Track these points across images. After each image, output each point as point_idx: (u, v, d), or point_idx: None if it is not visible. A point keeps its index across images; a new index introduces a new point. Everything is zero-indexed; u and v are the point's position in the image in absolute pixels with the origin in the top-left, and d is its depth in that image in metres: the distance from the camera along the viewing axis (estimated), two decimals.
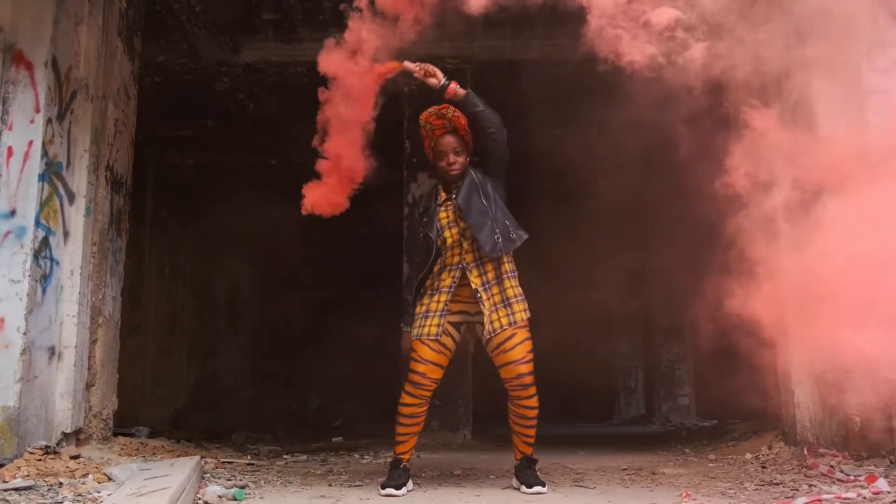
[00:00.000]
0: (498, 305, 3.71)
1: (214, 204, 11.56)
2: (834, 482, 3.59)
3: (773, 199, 4.94)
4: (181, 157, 9.91)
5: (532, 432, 3.82)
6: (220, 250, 12.45)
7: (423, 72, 3.75)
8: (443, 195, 3.91)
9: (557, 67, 7.60)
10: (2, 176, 4.13)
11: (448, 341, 3.75)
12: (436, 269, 3.85)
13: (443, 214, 3.84)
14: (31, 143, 4.20)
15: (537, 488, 3.65)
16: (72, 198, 4.55)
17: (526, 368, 3.69)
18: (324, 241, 12.56)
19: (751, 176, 5.19)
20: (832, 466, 3.89)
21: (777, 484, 3.71)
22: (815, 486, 3.54)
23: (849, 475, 3.64)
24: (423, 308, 3.80)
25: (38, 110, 4.24)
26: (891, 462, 3.83)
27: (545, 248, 11.27)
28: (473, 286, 3.73)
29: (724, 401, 9.07)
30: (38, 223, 4.19)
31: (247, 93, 7.89)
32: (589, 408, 14.49)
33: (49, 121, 4.29)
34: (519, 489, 3.73)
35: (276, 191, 11.24)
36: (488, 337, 3.69)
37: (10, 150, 4.16)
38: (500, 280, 3.75)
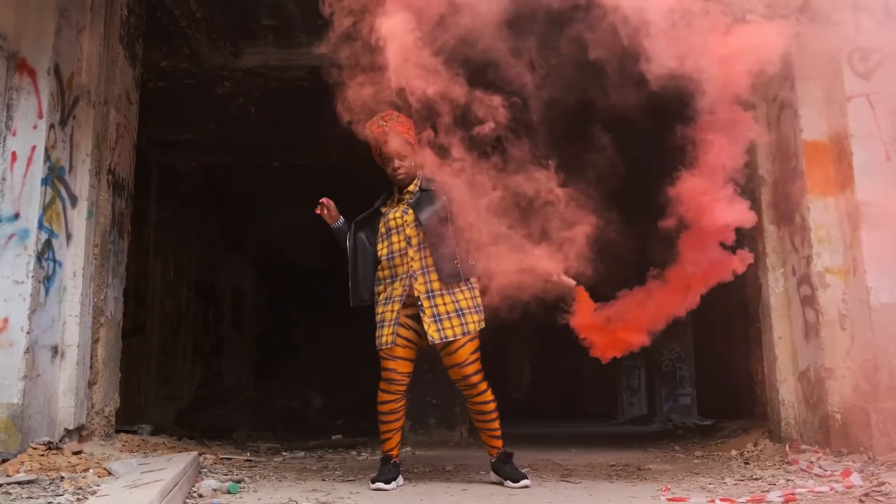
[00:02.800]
0: (445, 315, 3.78)
1: (218, 206, 11.69)
2: (811, 477, 3.70)
3: (759, 202, 5.04)
4: (184, 160, 10.01)
5: (495, 426, 3.92)
6: (224, 251, 12.57)
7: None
8: (395, 196, 4.02)
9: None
10: (6, 180, 4.25)
11: (411, 335, 3.85)
12: (385, 275, 3.93)
13: (391, 216, 3.93)
14: (34, 148, 4.32)
15: (524, 482, 3.77)
16: (74, 201, 4.68)
17: (471, 369, 3.82)
18: (325, 241, 12.68)
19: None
20: (812, 462, 3.99)
21: (756, 479, 3.81)
22: (791, 480, 3.64)
23: (826, 470, 3.74)
24: (379, 317, 3.90)
25: (40, 116, 4.35)
26: (868, 458, 3.92)
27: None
28: (416, 293, 3.81)
29: (720, 400, 9.17)
30: (41, 226, 4.30)
31: (248, 97, 7.98)
32: (592, 407, 14.58)
33: (52, 126, 4.41)
34: (503, 484, 3.83)
35: (278, 192, 11.38)
36: (430, 343, 3.80)
37: (13, 154, 4.29)
38: (450, 290, 3.82)
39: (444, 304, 3.81)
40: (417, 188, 3.96)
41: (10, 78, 4.34)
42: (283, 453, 5.82)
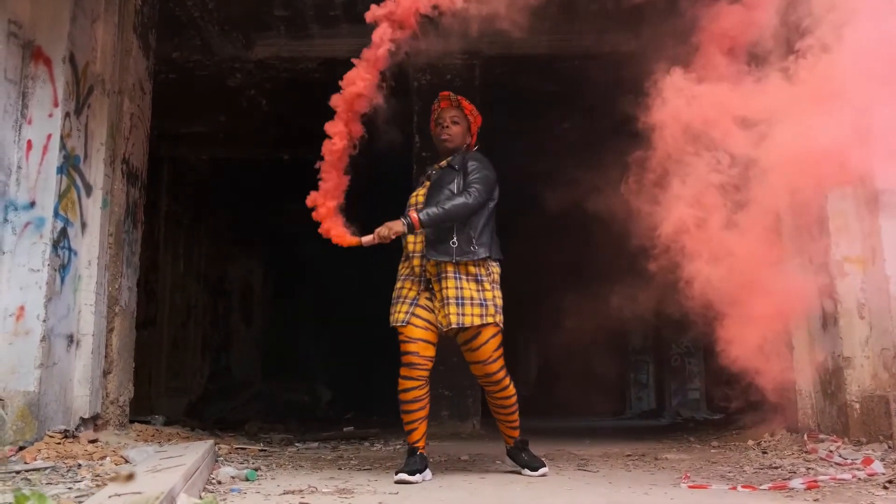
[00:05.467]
0: (455, 301, 3.61)
1: (227, 199, 11.70)
2: (831, 465, 3.68)
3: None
4: (195, 152, 10.04)
5: (515, 417, 3.85)
6: (233, 244, 12.59)
7: (377, 238, 3.66)
8: (433, 170, 3.96)
9: (566, 62, 7.68)
10: (22, 168, 4.25)
11: (431, 316, 3.68)
12: (406, 251, 3.83)
13: (418, 191, 3.89)
14: (49, 136, 4.32)
15: (542, 470, 3.75)
16: (89, 190, 4.67)
17: (495, 367, 3.68)
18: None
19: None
20: (831, 451, 3.97)
21: (776, 468, 3.79)
22: (812, 468, 3.63)
23: (846, 459, 3.72)
24: (396, 293, 3.78)
25: (56, 105, 4.35)
26: (889, 447, 3.90)
27: (554, 242, 11.37)
28: (428, 275, 3.71)
29: (732, 394, 9.13)
30: (56, 214, 4.30)
31: (259, 88, 8.00)
32: (600, 403, 14.55)
33: (67, 115, 4.41)
34: (520, 472, 3.81)
35: (287, 186, 11.39)
36: (444, 330, 3.65)
37: (29, 143, 4.28)
38: (459, 277, 3.64)
39: (460, 287, 3.63)
40: (447, 164, 3.86)
41: (25, 66, 4.33)
42: (297, 444, 5.81)
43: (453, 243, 3.66)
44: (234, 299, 12.94)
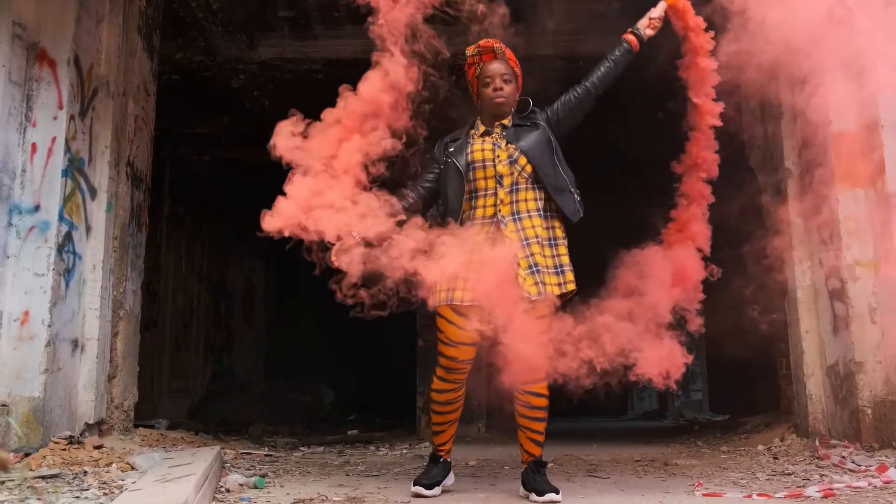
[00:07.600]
0: (545, 269, 3.22)
1: (230, 200, 11.64)
2: (845, 472, 3.64)
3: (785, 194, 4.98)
4: (197, 153, 9.97)
5: (541, 427, 3.35)
6: (236, 245, 12.53)
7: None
8: (481, 127, 3.46)
9: (571, 63, 7.63)
10: (26, 171, 4.20)
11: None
12: (461, 217, 3.36)
13: (477, 147, 3.38)
14: (54, 139, 4.27)
15: (549, 495, 3.14)
16: (94, 193, 4.63)
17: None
18: None
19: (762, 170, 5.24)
20: (843, 457, 3.94)
21: (789, 474, 3.76)
22: (826, 475, 3.59)
23: (860, 465, 3.69)
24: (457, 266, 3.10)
25: (60, 107, 4.30)
26: None
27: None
28: (508, 242, 3.21)
29: (737, 396, 9.10)
30: (61, 218, 4.25)
31: (262, 90, 7.94)
32: (602, 403, 14.50)
33: (72, 117, 4.36)
34: (528, 497, 3.25)
35: None
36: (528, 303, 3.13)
37: (34, 146, 4.23)
38: (551, 243, 3.30)
39: (543, 255, 3.23)
40: (511, 124, 3.41)
41: (30, 68, 4.28)
42: (302, 448, 5.79)
43: (577, 199, 3.36)
44: (236, 300, 12.88)
